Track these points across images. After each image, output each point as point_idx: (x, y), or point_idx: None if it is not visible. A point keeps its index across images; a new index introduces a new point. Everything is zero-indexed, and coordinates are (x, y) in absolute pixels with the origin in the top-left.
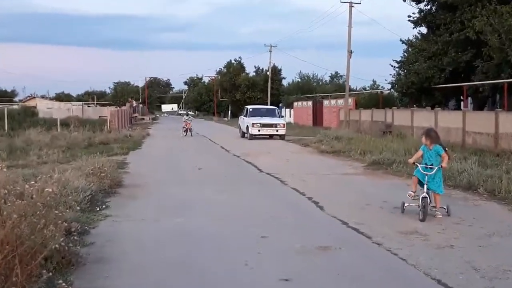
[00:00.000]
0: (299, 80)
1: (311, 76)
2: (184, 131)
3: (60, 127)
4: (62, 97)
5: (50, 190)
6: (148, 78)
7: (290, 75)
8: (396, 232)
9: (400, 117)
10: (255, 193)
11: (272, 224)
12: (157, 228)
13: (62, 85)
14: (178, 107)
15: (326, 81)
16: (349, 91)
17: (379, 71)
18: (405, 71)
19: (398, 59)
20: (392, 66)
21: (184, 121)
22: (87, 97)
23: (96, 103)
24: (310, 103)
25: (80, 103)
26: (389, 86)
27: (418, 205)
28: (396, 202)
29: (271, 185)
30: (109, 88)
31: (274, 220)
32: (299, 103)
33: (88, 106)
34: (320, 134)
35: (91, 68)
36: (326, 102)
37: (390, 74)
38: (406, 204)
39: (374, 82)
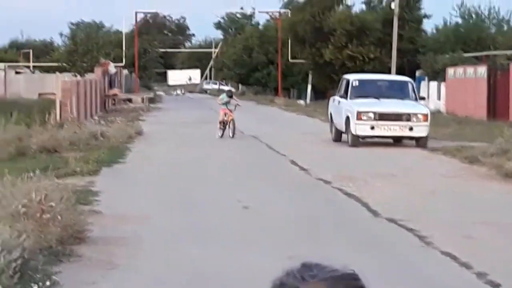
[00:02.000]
0: (459, 22)
1: (485, 14)
2: (221, 128)
3: None
4: None
5: None
6: (141, 16)
7: (439, 12)
8: None
9: None
10: (366, 266)
11: None
12: None
13: None
14: (202, 77)
15: None
16: None
17: None
18: None
19: None
20: None
21: (222, 104)
22: (15, 54)
23: (34, 67)
24: (482, 70)
25: (1, 65)
26: None
27: None
28: None
29: (401, 249)
30: (62, 35)
31: None
32: (458, 70)
33: (18, 72)
34: (505, 136)
35: None
36: None
37: None
38: None
39: None
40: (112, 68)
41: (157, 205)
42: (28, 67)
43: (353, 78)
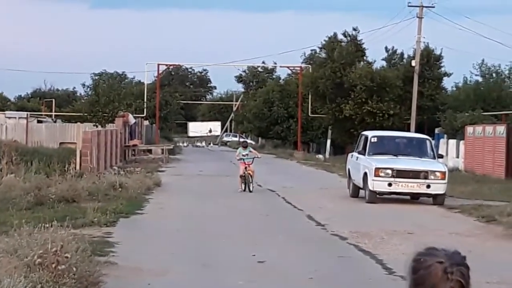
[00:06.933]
0: (480, 80)
1: (505, 74)
2: (243, 182)
3: None
4: None
5: None
6: (163, 68)
7: (460, 71)
8: None
9: None
10: None
11: None
12: None
13: None
14: (222, 130)
15: None
16: None
17: None
18: None
19: None
20: None
21: (241, 159)
22: (37, 103)
23: (56, 116)
24: (501, 129)
25: (24, 114)
26: None
27: None
28: None
29: None
30: (84, 85)
31: None
32: (477, 128)
33: (40, 121)
34: None
35: (44, 44)
36: None
37: None
38: None
39: None
40: (131, 118)
41: (173, 258)
42: (50, 116)
43: (372, 134)
